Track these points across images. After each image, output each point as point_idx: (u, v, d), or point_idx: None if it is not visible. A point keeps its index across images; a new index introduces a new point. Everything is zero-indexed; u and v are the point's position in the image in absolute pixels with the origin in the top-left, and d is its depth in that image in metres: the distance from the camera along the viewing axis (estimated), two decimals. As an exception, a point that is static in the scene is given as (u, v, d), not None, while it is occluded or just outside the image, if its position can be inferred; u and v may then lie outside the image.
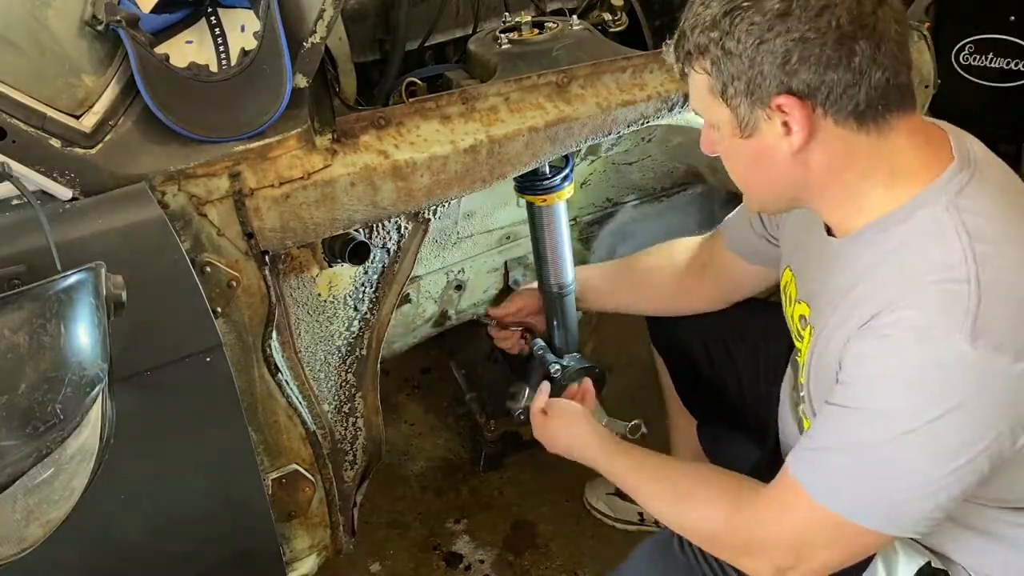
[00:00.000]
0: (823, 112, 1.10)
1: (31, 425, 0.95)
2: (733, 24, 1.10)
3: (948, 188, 1.12)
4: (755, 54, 1.09)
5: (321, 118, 1.37)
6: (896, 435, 1.07)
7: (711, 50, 1.13)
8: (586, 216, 2.09)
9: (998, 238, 1.08)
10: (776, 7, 1.07)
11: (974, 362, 1.02)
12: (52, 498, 1.03)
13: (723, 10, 1.11)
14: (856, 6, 1.07)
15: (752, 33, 1.09)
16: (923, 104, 1.82)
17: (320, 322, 1.53)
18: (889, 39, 1.09)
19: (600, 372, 1.85)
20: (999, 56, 2.47)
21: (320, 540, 1.63)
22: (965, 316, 1.02)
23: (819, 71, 1.08)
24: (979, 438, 1.05)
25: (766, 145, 1.15)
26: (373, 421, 1.67)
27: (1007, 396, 1.04)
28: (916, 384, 1.05)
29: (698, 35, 1.14)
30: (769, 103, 1.11)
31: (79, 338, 0.99)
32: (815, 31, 1.06)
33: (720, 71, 1.13)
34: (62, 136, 1.18)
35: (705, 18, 1.13)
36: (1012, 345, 1.03)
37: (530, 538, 2.19)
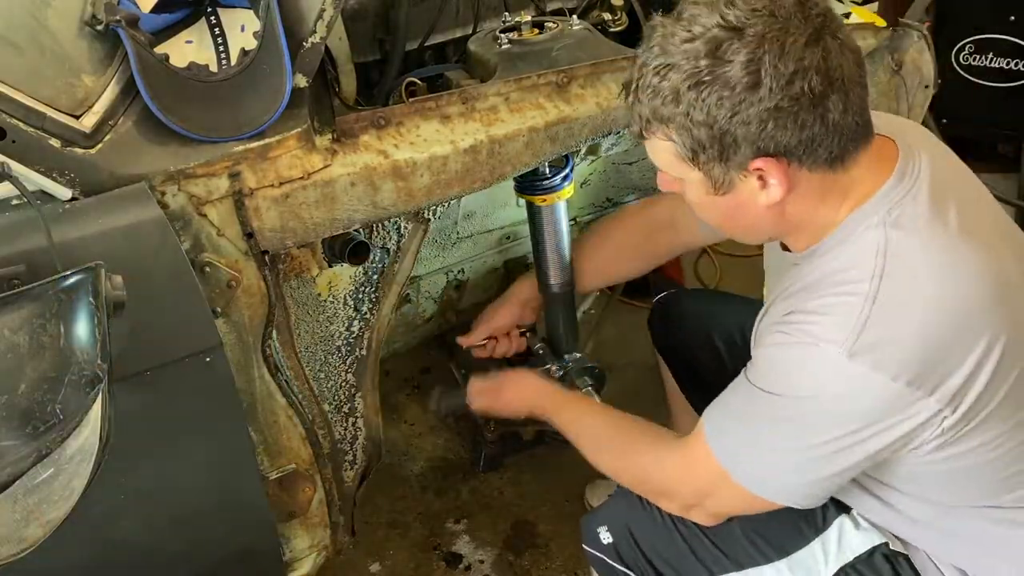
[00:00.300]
0: (799, 165, 1.12)
1: (31, 425, 0.95)
2: (700, 97, 1.08)
3: (882, 204, 1.16)
4: (728, 125, 1.09)
5: (321, 118, 1.37)
6: (772, 416, 1.19)
7: (676, 120, 1.12)
8: (586, 216, 2.09)
9: (919, 257, 1.13)
10: (744, 79, 1.06)
11: (851, 375, 1.10)
12: (52, 498, 1.03)
13: (685, 83, 1.09)
14: (823, 63, 1.07)
15: (723, 106, 1.08)
16: (923, 104, 1.82)
17: (320, 322, 1.53)
18: (853, 82, 1.10)
19: (600, 372, 1.85)
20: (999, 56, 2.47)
21: (320, 540, 1.63)
22: (851, 333, 1.10)
23: (795, 133, 1.09)
24: (847, 438, 1.15)
25: (742, 200, 1.17)
26: (373, 421, 1.67)
27: (880, 408, 1.12)
28: (795, 381, 1.16)
29: (659, 106, 1.12)
30: (746, 166, 1.12)
31: (79, 338, 0.99)
32: (789, 99, 1.06)
33: (688, 140, 1.13)
34: (62, 136, 1.18)
35: (663, 89, 1.11)
36: (892, 364, 1.09)
37: (530, 538, 2.19)
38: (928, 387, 1.10)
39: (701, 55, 1.07)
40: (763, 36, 1.05)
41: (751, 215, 1.19)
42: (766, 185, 1.13)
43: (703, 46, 1.07)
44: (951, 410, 1.12)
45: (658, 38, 1.12)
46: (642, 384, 2.46)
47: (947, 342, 1.10)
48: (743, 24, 1.06)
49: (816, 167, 1.13)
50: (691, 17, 1.10)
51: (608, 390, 1.86)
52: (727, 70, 1.06)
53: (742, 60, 1.06)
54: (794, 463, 1.20)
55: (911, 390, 1.10)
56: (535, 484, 2.31)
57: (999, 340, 1.12)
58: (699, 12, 1.09)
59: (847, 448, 1.16)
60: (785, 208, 1.17)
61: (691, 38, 1.08)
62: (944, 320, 1.10)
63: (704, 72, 1.07)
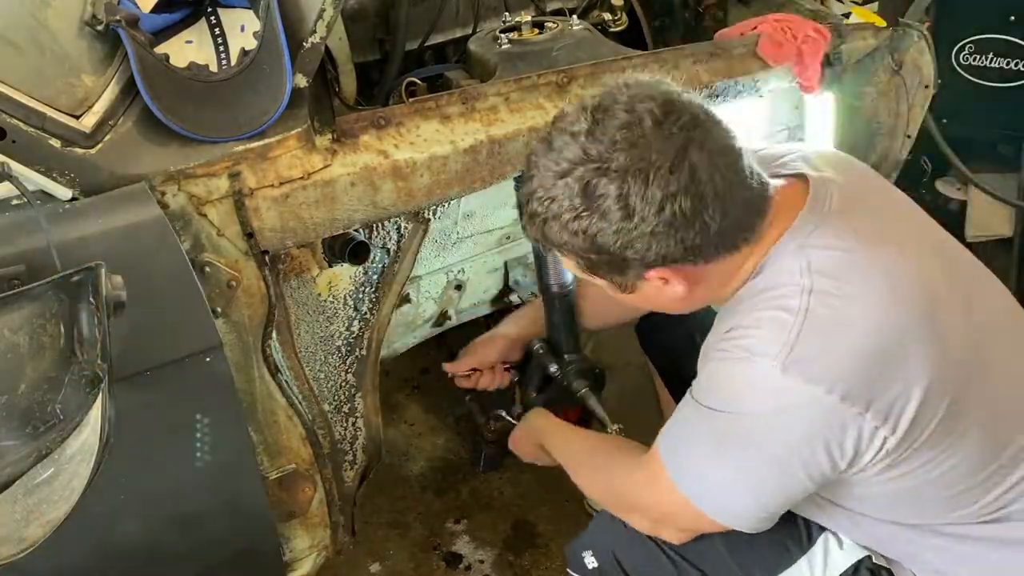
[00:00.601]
0: (693, 265, 1.15)
1: (31, 425, 0.95)
2: (582, 228, 1.12)
3: (797, 235, 1.18)
4: (614, 249, 1.12)
5: (321, 118, 1.37)
6: (718, 436, 1.19)
7: (567, 246, 1.16)
8: (586, 216, 2.08)
9: (845, 272, 1.14)
10: (618, 212, 1.09)
11: (785, 389, 1.11)
12: (52, 498, 1.03)
13: (567, 215, 1.12)
14: (691, 183, 1.08)
15: (605, 234, 1.11)
16: (923, 104, 1.82)
17: (320, 322, 1.53)
18: (729, 185, 1.11)
19: (600, 372, 1.85)
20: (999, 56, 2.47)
21: (320, 540, 1.63)
22: (783, 346, 1.11)
23: (678, 246, 1.11)
24: (787, 455, 1.14)
25: (650, 295, 1.22)
26: (373, 421, 1.67)
27: (817, 423, 1.12)
28: (734, 396, 1.17)
29: (548, 232, 1.16)
30: (642, 276, 1.16)
31: (79, 338, 0.99)
32: (663, 223, 1.09)
33: (583, 261, 1.17)
34: (62, 136, 1.18)
35: (548, 218, 1.14)
36: (825, 377, 1.10)
37: (530, 538, 2.19)
38: (863, 402, 1.10)
39: (575, 193, 1.11)
40: (627, 170, 1.08)
41: (666, 302, 1.25)
42: (668, 283, 1.18)
43: (575, 183, 1.10)
44: (890, 429, 1.12)
45: (536, 168, 1.15)
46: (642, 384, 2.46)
47: (879, 356, 1.11)
48: (607, 159, 1.09)
49: (712, 259, 1.16)
50: (560, 148, 1.12)
51: (608, 390, 1.86)
52: (600, 204, 1.10)
53: (613, 194, 1.09)
54: (742, 483, 1.20)
55: (846, 405, 1.10)
56: (535, 484, 2.31)
57: (930, 353, 1.12)
58: (566, 143, 1.12)
59: (791, 467, 1.16)
60: (695, 293, 1.21)
61: (562, 173, 1.12)
62: (875, 334, 1.11)
63: (581, 208, 1.11)
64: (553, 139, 1.14)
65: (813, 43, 1.63)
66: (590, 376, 1.82)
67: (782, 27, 1.63)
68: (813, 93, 1.71)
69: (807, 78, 1.66)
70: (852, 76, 1.74)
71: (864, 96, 1.77)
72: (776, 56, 1.61)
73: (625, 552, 1.42)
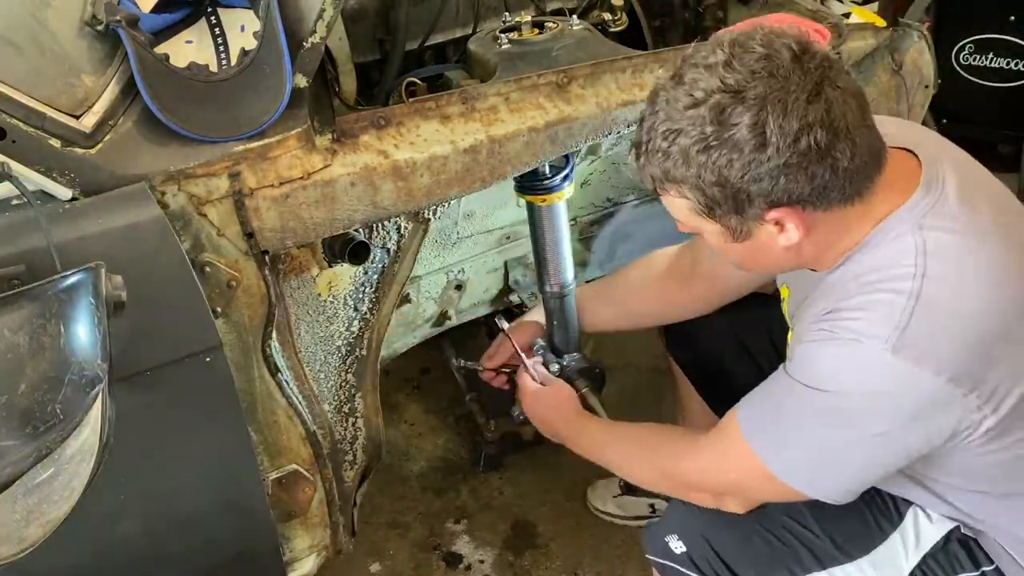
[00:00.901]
0: (813, 209, 1.14)
1: (31, 425, 0.95)
2: (710, 160, 1.10)
3: (912, 214, 1.18)
4: (740, 184, 1.11)
5: (321, 118, 1.37)
6: (816, 413, 1.20)
7: (689, 181, 1.14)
8: (586, 216, 2.08)
9: (958, 257, 1.15)
10: (752, 141, 1.08)
11: (894, 370, 1.12)
12: (52, 498, 1.03)
13: (694, 148, 1.10)
14: (826, 116, 1.08)
15: (733, 167, 1.09)
16: (923, 104, 1.82)
17: (320, 322, 1.53)
18: (858, 125, 1.11)
19: (600, 372, 1.85)
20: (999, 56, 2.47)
21: (320, 540, 1.63)
22: (895, 329, 1.12)
23: (807, 184, 1.10)
24: (888, 433, 1.17)
25: (761, 243, 1.20)
26: (373, 421, 1.67)
27: (922, 404, 1.13)
28: (839, 376, 1.17)
29: (670, 168, 1.14)
30: (762, 217, 1.14)
31: (79, 338, 0.99)
32: (797, 155, 1.08)
33: (703, 198, 1.15)
34: (62, 136, 1.18)
35: (673, 153, 1.12)
36: (934, 360, 1.11)
37: (530, 538, 2.19)
38: (968, 385, 1.12)
39: (707, 121, 1.09)
40: (765, 97, 1.07)
41: (772, 256, 1.22)
42: (784, 230, 1.16)
43: (708, 112, 1.09)
44: (991, 409, 1.14)
45: (662, 103, 1.14)
46: (642, 384, 2.47)
47: (987, 342, 1.12)
48: (744, 87, 1.08)
49: (832, 207, 1.15)
50: (692, 81, 1.11)
51: (608, 390, 1.86)
52: (733, 133, 1.08)
53: (747, 123, 1.07)
54: (836, 458, 1.21)
55: (952, 387, 1.12)
56: (535, 484, 2.31)
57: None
58: (699, 76, 1.11)
59: (889, 444, 1.17)
60: (803, 246, 1.19)
61: (694, 103, 1.10)
62: (987, 319, 1.13)
63: (711, 137, 1.09)
64: (684, 73, 1.13)
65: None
66: (590, 376, 1.82)
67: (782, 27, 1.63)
68: (813, 93, 1.71)
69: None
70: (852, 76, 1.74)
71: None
72: (776, 56, 1.61)
73: (717, 533, 1.42)
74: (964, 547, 1.34)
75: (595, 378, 1.82)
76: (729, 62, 1.10)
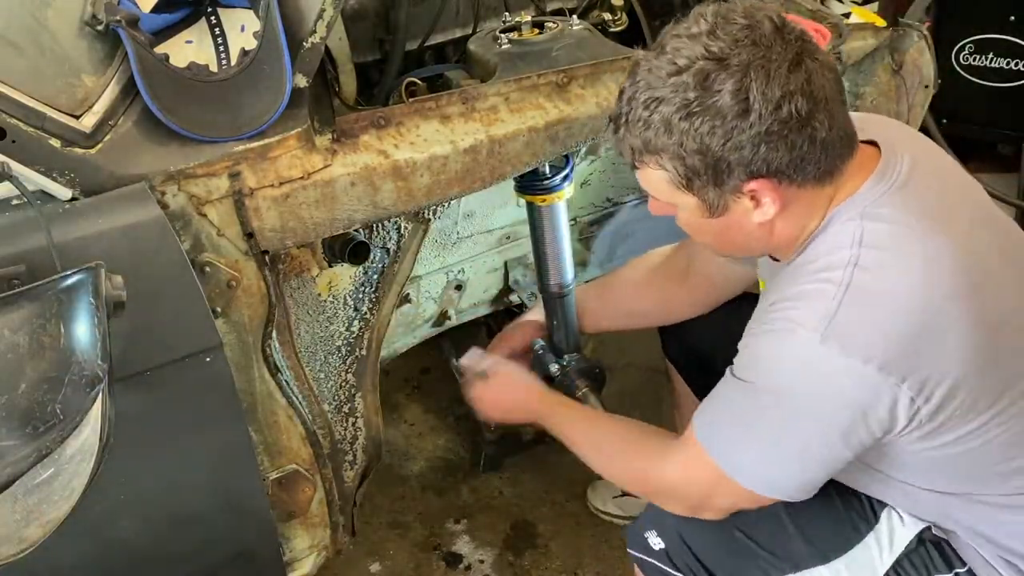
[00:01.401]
0: (789, 183, 1.15)
1: (31, 425, 0.95)
2: (692, 127, 1.11)
3: (861, 200, 1.19)
4: (721, 152, 1.11)
5: (321, 118, 1.37)
6: (756, 407, 1.21)
7: (670, 150, 1.14)
8: (586, 216, 2.08)
9: (894, 246, 1.15)
10: (735, 107, 1.09)
11: (824, 360, 1.13)
12: (52, 498, 1.03)
13: (676, 115, 1.11)
14: (807, 85, 1.09)
15: (715, 134, 1.10)
16: (923, 104, 1.82)
17: (320, 322, 1.53)
18: (835, 100, 1.13)
19: (600, 372, 1.85)
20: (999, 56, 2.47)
21: (320, 540, 1.63)
22: (823, 318, 1.13)
23: (786, 153, 1.11)
24: (826, 424, 1.17)
25: (735, 220, 1.20)
26: (373, 421, 1.67)
27: (853, 393, 1.14)
28: (774, 368, 1.19)
29: (651, 137, 1.14)
30: (740, 189, 1.15)
31: (79, 338, 0.99)
32: (778, 122, 1.09)
33: (682, 168, 1.15)
34: (62, 136, 1.18)
35: (654, 122, 1.13)
36: (862, 348, 1.12)
37: (530, 538, 2.19)
38: (899, 374, 1.12)
39: (690, 87, 1.10)
40: (748, 64, 1.09)
41: (744, 233, 1.23)
42: (759, 204, 1.17)
43: (691, 78, 1.10)
44: (924, 400, 1.14)
45: (643, 72, 1.14)
46: (642, 385, 2.46)
47: (917, 330, 1.12)
48: (727, 54, 1.09)
49: (806, 183, 1.16)
50: (675, 50, 1.12)
51: (608, 390, 1.86)
52: (716, 99, 1.09)
53: (730, 89, 1.08)
54: (783, 455, 1.21)
55: (882, 375, 1.12)
56: (535, 484, 2.31)
57: (972, 330, 1.14)
58: (682, 44, 1.12)
59: (830, 435, 1.17)
60: (775, 224, 1.20)
61: (678, 71, 1.11)
62: (915, 309, 1.13)
63: (694, 103, 1.10)
64: (667, 43, 1.14)
65: (813, 43, 1.63)
66: (590, 376, 1.82)
67: (782, 27, 1.63)
68: (813, 93, 1.71)
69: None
70: (852, 76, 1.74)
71: (864, 96, 1.77)
72: (776, 56, 1.61)
73: (692, 532, 1.42)
74: (937, 548, 1.33)
75: (595, 378, 1.82)
76: (713, 31, 1.11)
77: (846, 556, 1.35)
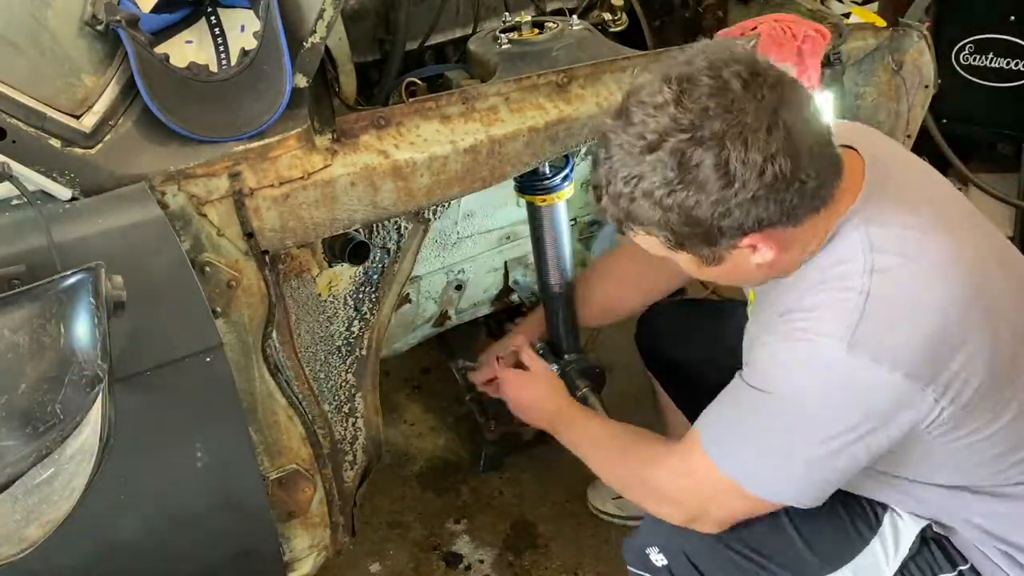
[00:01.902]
0: (783, 228, 1.13)
1: (31, 425, 0.95)
2: (676, 202, 1.08)
3: (861, 211, 1.17)
4: (710, 220, 1.09)
5: (321, 118, 1.37)
6: (775, 417, 1.19)
7: (658, 221, 1.12)
8: (586, 216, 2.08)
9: (905, 251, 1.15)
10: (717, 180, 1.06)
11: (850, 368, 1.12)
12: (52, 498, 1.03)
13: (659, 191, 1.08)
14: (787, 142, 1.06)
15: (701, 206, 1.08)
16: (923, 104, 1.82)
17: (320, 322, 1.53)
18: (818, 141, 1.10)
19: (600, 372, 1.85)
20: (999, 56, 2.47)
21: (320, 540, 1.63)
22: (848, 327, 1.11)
23: (776, 208, 1.09)
24: (849, 432, 1.16)
25: (734, 264, 1.19)
26: (373, 421, 1.67)
27: (880, 401, 1.13)
28: (796, 378, 1.17)
29: (635, 210, 1.12)
30: (735, 244, 1.14)
31: (79, 338, 0.99)
32: (764, 187, 1.07)
33: (672, 235, 1.13)
34: (62, 136, 1.18)
35: (636, 196, 1.10)
36: (889, 356, 1.11)
37: (530, 538, 2.19)
38: (926, 378, 1.12)
39: (668, 167, 1.07)
40: (723, 135, 1.05)
41: (746, 272, 1.22)
42: (757, 250, 1.15)
43: (667, 156, 1.07)
44: (948, 401, 1.14)
45: (616, 148, 1.11)
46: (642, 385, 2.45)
47: (941, 334, 1.12)
48: (699, 125, 1.05)
49: (801, 222, 1.14)
50: (643, 122, 1.08)
51: (608, 391, 1.86)
52: (697, 175, 1.06)
53: (710, 164, 1.06)
54: (801, 463, 1.20)
55: (909, 382, 1.12)
56: (535, 484, 2.31)
57: (987, 326, 1.14)
58: (648, 117, 1.08)
59: (852, 443, 1.16)
60: (777, 260, 1.18)
61: (650, 147, 1.08)
62: (938, 313, 1.13)
63: (675, 181, 1.07)
64: (632, 114, 1.10)
65: (813, 43, 1.63)
66: (590, 376, 1.82)
67: (782, 27, 1.63)
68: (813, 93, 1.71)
69: (807, 78, 1.66)
70: (852, 76, 1.74)
71: (864, 96, 1.77)
72: (776, 56, 1.61)
73: (697, 549, 1.38)
74: (940, 547, 1.33)
75: (595, 378, 1.82)
76: (679, 100, 1.07)
77: (853, 563, 1.34)
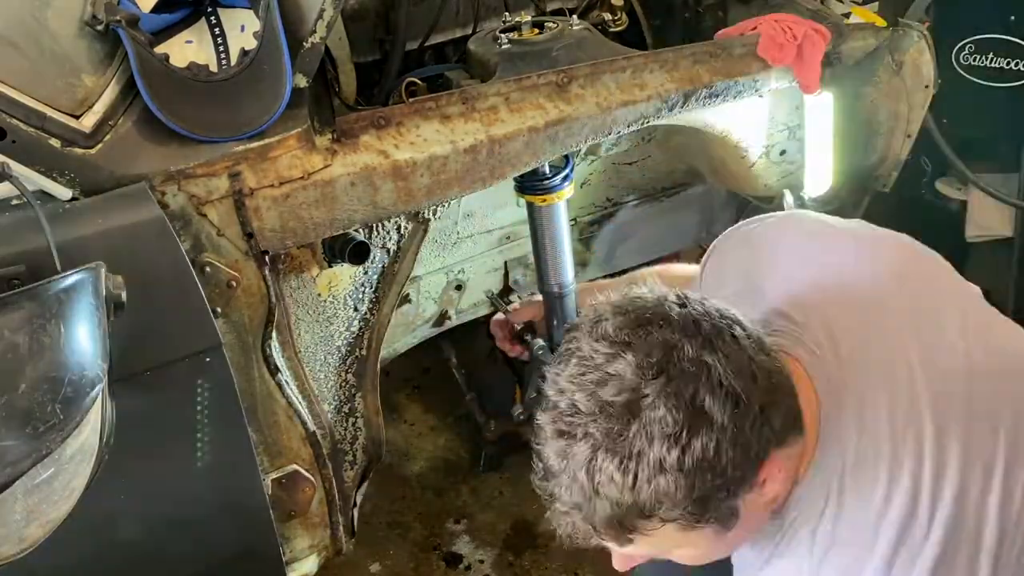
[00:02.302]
0: (778, 449, 1.06)
1: (31, 425, 0.95)
2: (691, 482, 0.99)
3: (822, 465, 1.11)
4: (728, 471, 1.00)
5: (321, 118, 1.37)
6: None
7: (669, 499, 1.01)
8: (586, 216, 2.08)
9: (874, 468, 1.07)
10: (712, 456, 0.98)
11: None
12: (52, 498, 1.03)
13: (683, 489, 0.99)
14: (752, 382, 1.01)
15: (713, 470, 0.99)
16: (923, 104, 1.82)
17: (320, 322, 1.53)
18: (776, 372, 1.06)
19: (600, 372, 1.84)
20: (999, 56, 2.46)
21: (320, 540, 1.63)
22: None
23: (779, 416, 1.04)
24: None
25: (749, 515, 1.09)
26: (373, 421, 1.67)
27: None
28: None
29: (638, 497, 1.01)
30: (755, 481, 1.06)
31: (79, 338, 0.99)
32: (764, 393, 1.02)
33: (691, 506, 1.02)
34: (62, 136, 1.18)
35: (642, 488, 1.00)
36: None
37: (530, 538, 2.19)
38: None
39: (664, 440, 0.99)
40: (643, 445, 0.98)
41: (755, 524, 1.13)
42: (765, 485, 1.07)
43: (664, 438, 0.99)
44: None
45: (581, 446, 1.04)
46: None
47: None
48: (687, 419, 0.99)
49: (790, 443, 1.08)
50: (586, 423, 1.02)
51: (608, 390, 1.86)
52: (697, 444, 0.99)
53: (702, 443, 0.99)
54: None
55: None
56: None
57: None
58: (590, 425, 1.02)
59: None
60: (780, 494, 1.11)
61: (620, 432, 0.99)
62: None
63: (677, 450, 0.99)
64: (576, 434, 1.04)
65: (813, 43, 1.63)
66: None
67: (782, 27, 1.63)
68: (813, 93, 1.71)
69: (807, 78, 1.66)
70: (852, 76, 1.74)
71: (864, 96, 1.77)
72: (776, 56, 1.61)
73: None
74: None
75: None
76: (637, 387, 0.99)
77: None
